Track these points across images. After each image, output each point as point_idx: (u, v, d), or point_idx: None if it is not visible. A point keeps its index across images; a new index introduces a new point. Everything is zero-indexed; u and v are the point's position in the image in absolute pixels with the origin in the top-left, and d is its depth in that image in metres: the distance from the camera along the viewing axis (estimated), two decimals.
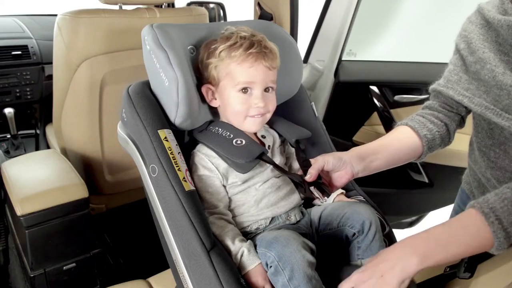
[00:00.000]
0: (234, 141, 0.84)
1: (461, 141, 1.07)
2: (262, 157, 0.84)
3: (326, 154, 0.85)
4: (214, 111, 0.90)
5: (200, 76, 0.87)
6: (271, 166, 0.87)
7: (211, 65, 0.83)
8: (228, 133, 0.85)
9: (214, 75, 0.84)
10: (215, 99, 0.87)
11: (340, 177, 0.84)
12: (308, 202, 0.94)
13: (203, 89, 0.86)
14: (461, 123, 0.94)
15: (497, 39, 0.78)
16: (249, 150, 0.83)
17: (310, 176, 0.80)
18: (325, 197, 0.82)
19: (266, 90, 0.85)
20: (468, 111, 0.91)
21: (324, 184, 0.83)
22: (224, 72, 0.83)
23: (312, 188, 0.81)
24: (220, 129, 0.87)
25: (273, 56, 0.84)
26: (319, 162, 0.82)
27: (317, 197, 0.82)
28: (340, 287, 0.70)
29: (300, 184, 0.82)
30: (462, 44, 0.85)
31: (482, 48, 0.79)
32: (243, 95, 0.83)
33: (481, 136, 0.89)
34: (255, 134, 0.91)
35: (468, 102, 0.82)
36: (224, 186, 0.85)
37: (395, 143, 0.90)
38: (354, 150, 0.86)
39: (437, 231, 0.67)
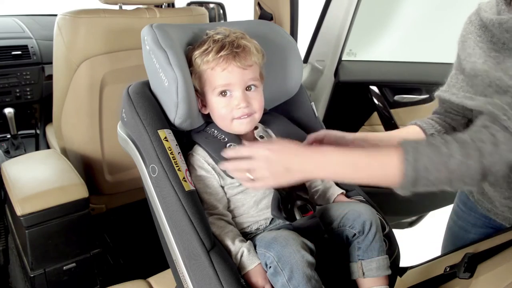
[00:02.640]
0: (228, 145, 0.84)
1: None
2: None
3: (331, 130, 0.85)
4: None
5: None
6: None
7: (192, 73, 0.83)
8: (223, 137, 0.86)
9: (196, 83, 0.84)
10: (204, 106, 0.87)
11: None
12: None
13: (196, 97, 0.86)
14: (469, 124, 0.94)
15: (491, 39, 0.78)
16: None
17: (307, 140, 0.80)
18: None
19: (248, 89, 0.84)
20: None
21: (309, 201, 0.84)
22: (203, 79, 0.83)
23: (295, 208, 0.82)
24: (215, 131, 0.87)
25: (246, 54, 0.82)
26: (321, 133, 0.82)
27: (297, 218, 0.82)
28: (236, 149, 0.75)
29: (285, 198, 0.82)
30: (460, 44, 0.86)
31: (474, 45, 0.80)
32: (224, 98, 0.83)
33: None
34: (253, 134, 0.91)
35: (455, 99, 0.83)
36: (222, 187, 0.85)
37: (401, 135, 0.91)
38: (360, 134, 0.87)
39: (357, 158, 0.68)
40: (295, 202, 0.83)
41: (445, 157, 0.63)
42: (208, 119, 0.89)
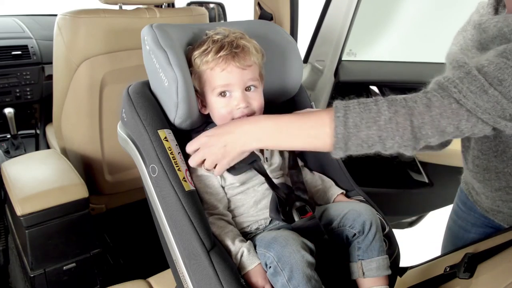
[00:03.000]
0: None
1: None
2: (253, 165, 0.83)
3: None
4: None
5: None
6: (271, 167, 0.88)
7: (192, 74, 0.83)
8: None
9: (195, 83, 0.84)
10: (204, 106, 0.86)
11: None
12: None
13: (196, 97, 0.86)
14: None
15: (479, 38, 0.80)
16: None
17: None
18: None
19: (247, 89, 0.84)
20: None
21: (309, 202, 0.84)
22: (202, 79, 0.83)
23: (293, 209, 0.82)
24: None
25: (245, 54, 0.82)
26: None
27: (295, 220, 0.82)
28: (188, 145, 0.80)
29: (283, 200, 0.82)
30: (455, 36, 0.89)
31: (464, 39, 0.82)
32: (223, 98, 0.83)
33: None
34: None
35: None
36: (223, 187, 0.85)
37: None
38: None
39: (290, 122, 0.69)
40: (293, 204, 0.83)
41: (373, 113, 0.64)
42: (208, 119, 0.89)
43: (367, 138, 0.64)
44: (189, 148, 0.80)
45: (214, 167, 0.78)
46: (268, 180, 0.84)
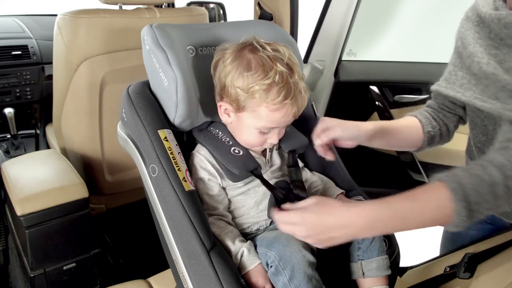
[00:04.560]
0: (232, 149, 0.84)
1: (460, 141, 1.07)
2: (254, 172, 0.83)
3: (345, 126, 0.85)
4: (214, 112, 0.88)
5: (213, 85, 0.84)
6: (272, 168, 0.88)
7: (238, 96, 0.78)
8: (228, 139, 0.85)
9: (237, 104, 0.79)
10: (229, 116, 0.84)
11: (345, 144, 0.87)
12: None
13: (219, 104, 0.84)
14: (460, 122, 0.96)
15: (489, 35, 0.79)
16: (244, 162, 0.83)
17: (318, 151, 0.83)
18: None
19: None
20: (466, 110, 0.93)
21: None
22: (251, 108, 0.79)
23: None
24: (220, 133, 0.86)
25: (303, 102, 0.80)
26: (335, 132, 0.83)
27: None
28: (285, 216, 0.69)
29: (282, 200, 0.82)
30: (459, 41, 0.86)
31: (474, 43, 0.80)
32: (262, 133, 0.82)
33: (475, 132, 0.90)
34: None
35: (461, 96, 0.83)
36: (224, 188, 0.85)
37: (404, 131, 0.93)
38: (375, 125, 0.87)
39: (401, 205, 0.65)
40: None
41: (488, 184, 0.62)
42: (213, 119, 0.89)
43: (487, 211, 0.63)
44: (284, 217, 0.70)
45: None
46: (264, 182, 0.84)
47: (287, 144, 0.91)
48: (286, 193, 0.84)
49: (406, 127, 0.94)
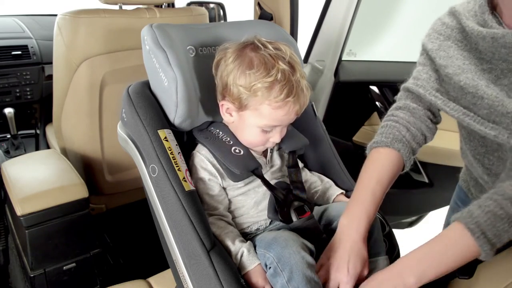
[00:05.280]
0: (233, 149, 0.84)
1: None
2: (254, 172, 0.84)
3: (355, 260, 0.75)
4: (215, 112, 0.89)
5: (215, 84, 0.84)
6: (272, 169, 0.88)
7: (241, 94, 0.78)
8: (228, 139, 0.85)
9: (240, 102, 0.80)
10: (231, 115, 0.84)
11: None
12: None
13: (220, 103, 0.84)
14: (436, 117, 0.89)
15: (476, 46, 0.76)
16: (245, 162, 0.83)
17: None
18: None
19: None
20: None
21: (306, 202, 0.84)
22: (253, 106, 0.79)
23: (291, 210, 0.82)
24: (221, 132, 0.86)
25: (305, 100, 0.80)
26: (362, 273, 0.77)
27: (293, 220, 0.82)
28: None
29: (281, 200, 0.82)
30: (431, 44, 0.82)
31: (461, 58, 0.77)
32: (264, 132, 0.82)
33: (473, 144, 0.88)
34: None
35: (442, 105, 0.80)
36: (224, 188, 0.85)
37: (388, 185, 0.85)
38: (364, 229, 0.77)
39: (429, 250, 0.70)
40: (291, 204, 0.83)
41: (504, 219, 0.66)
42: (213, 119, 0.89)
43: (508, 238, 0.67)
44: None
45: None
46: (265, 181, 0.84)
47: (287, 144, 0.91)
48: (286, 193, 0.84)
49: (389, 179, 0.84)
